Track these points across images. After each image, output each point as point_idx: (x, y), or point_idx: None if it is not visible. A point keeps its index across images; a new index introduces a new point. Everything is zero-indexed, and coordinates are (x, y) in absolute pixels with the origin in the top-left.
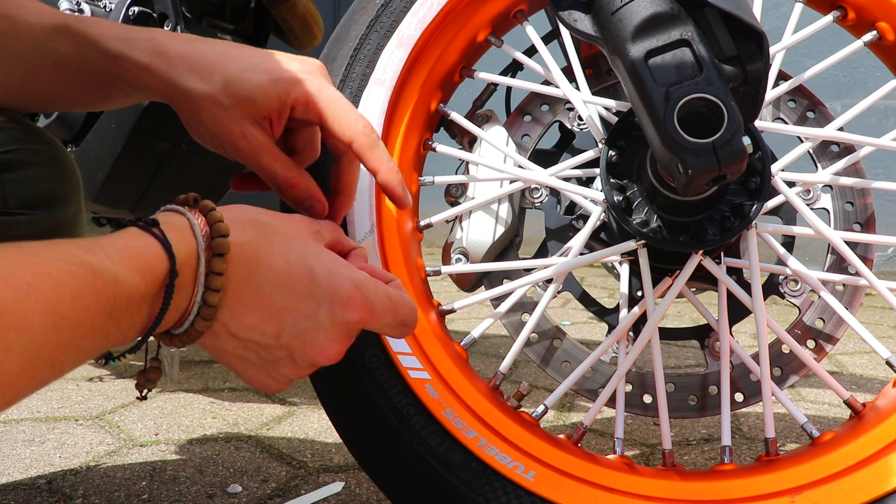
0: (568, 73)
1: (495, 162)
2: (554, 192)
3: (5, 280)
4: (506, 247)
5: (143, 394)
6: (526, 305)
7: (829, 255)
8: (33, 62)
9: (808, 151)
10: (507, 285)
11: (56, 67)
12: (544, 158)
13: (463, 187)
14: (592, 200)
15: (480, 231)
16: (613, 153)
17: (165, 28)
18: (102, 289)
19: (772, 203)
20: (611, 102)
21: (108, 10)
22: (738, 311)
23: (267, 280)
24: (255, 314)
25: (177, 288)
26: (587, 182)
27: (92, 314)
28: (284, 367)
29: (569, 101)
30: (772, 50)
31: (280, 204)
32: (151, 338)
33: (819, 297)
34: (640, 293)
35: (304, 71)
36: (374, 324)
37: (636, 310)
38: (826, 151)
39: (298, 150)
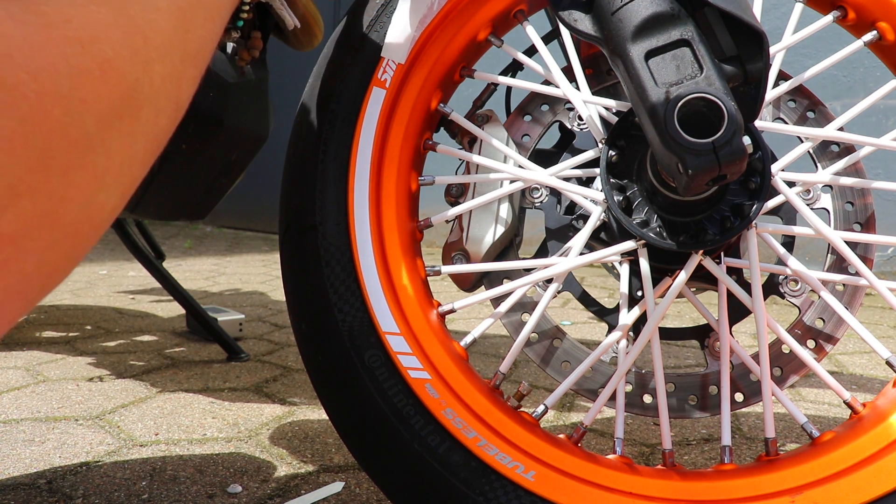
0: (568, 73)
1: (495, 162)
2: (554, 192)
3: None
4: (506, 247)
5: (248, 64)
6: (526, 305)
7: (829, 255)
8: None
9: (808, 151)
10: (507, 285)
11: None
12: (544, 158)
13: (463, 187)
14: (592, 200)
15: (480, 231)
16: (613, 153)
17: None
18: None
19: (772, 203)
20: (611, 102)
21: None
22: (738, 311)
23: None
24: None
25: None
26: (587, 182)
27: None
28: None
29: (569, 101)
30: (772, 50)
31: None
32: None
33: (819, 297)
34: (640, 293)
35: None
36: None
37: (636, 310)
38: (826, 151)
39: None
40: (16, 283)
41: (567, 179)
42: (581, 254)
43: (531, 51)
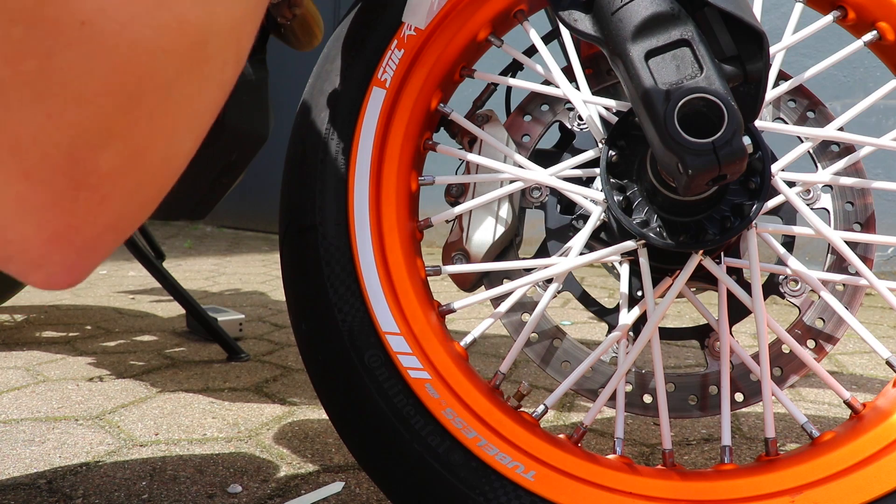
0: (568, 73)
1: (495, 162)
2: (554, 192)
3: None
4: (506, 247)
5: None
6: (526, 305)
7: (829, 255)
8: None
9: (808, 151)
10: (507, 285)
11: None
12: (544, 158)
13: (463, 187)
14: (592, 200)
15: (480, 231)
16: (613, 153)
17: None
18: None
19: (772, 203)
20: (611, 102)
21: None
22: (738, 311)
23: None
24: None
25: None
26: (587, 182)
27: None
28: None
29: (569, 101)
30: (772, 50)
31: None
32: None
33: (819, 297)
34: (640, 293)
35: None
36: None
37: (636, 310)
38: (826, 151)
39: None
40: (110, 219)
41: (567, 179)
42: (581, 254)
43: (531, 51)
